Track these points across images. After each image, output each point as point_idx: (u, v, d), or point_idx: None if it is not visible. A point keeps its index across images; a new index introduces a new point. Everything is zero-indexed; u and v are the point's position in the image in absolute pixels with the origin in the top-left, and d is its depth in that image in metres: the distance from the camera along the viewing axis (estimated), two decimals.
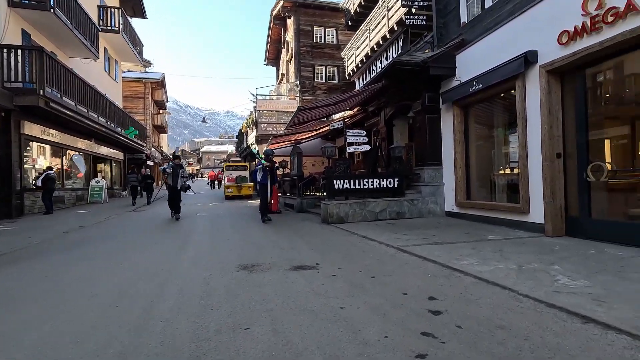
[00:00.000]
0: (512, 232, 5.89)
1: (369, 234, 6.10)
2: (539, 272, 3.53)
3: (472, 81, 6.98)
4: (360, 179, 8.09)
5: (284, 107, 18.56)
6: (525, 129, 5.90)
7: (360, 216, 7.93)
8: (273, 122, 18.05)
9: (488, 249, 4.69)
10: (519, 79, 5.94)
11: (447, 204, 8.33)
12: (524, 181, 5.92)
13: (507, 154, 7.15)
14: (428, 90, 8.44)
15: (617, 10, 4.37)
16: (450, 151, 8.05)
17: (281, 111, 18.36)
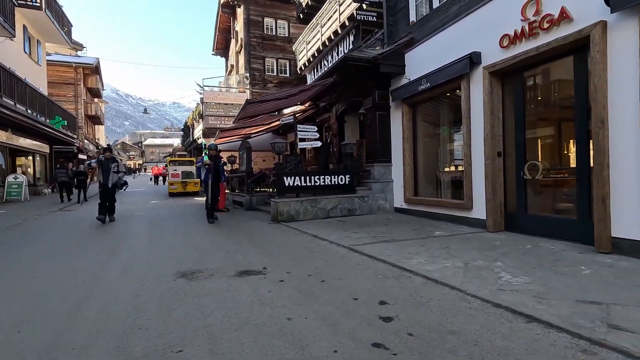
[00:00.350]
0: (457, 227, 6.10)
1: (320, 233, 5.95)
2: (484, 270, 3.60)
3: (421, 80, 7.10)
4: (311, 176, 7.92)
5: (233, 99, 17.80)
6: (470, 128, 6.10)
7: (311, 214, 7.77)
8: (221, 115, 17.24)
9: (435, 246, 4.76)
10: (464, 79, 6.13)
11: (396, 200, 8.47)
12: (468, 179, 6.14)
13: (452, 152, 7.41)
14: (378, 87, 8.49)
15: (552, 17, 4.61)
16: (400, 148, 8.17)
17: (230, 104, 17.58)
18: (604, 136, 4.04)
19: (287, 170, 8.03)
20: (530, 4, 4.90)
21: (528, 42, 4.97)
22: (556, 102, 5.45)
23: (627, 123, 3.85)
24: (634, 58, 3.77)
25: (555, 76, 5.27)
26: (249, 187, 10.45)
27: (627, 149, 3.85)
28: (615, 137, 3.97)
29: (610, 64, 4.00)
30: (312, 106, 11.94)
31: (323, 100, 11.14)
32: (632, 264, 3.58)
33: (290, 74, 19.50)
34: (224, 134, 12.39)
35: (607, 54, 4.02)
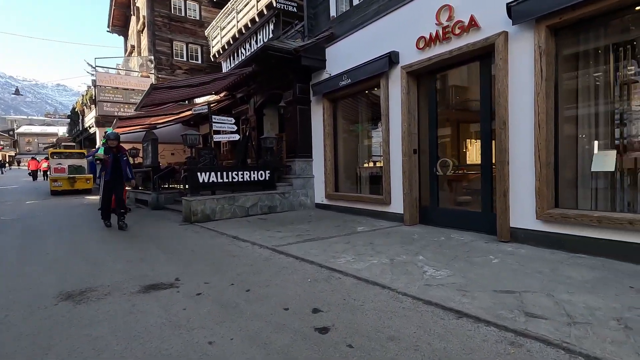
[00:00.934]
0: (377, 222, 6.26)
1: (241, 234, 5.51)
2: (409, 265, 3.66)
3: (342, 75, 7.09)
4: (229, 171, 7.34)
5: (134, 84, 15.76)
6: (388, 126, 6.29)
7: (229, 212, 7.21)
8: (120, 101, 15.12)
9: (360, 242, 4.75)
10: (383, 78, 6.28)
11: (317, 196, 8.41)
12: (387, 175, 6.34)
13: (371, 148, 7.62)
14: (299, 80, 8.28)
15: (463, 24, 4.94)
16: (321, 144, 8.11)
17: (131, 89, 15.53)
18: (505, 137, 4.47)
19: (201, 165, 7.30)
20: (444, 9, 5.18)
21: (442, 46, 5.26)
22: (465, 104, 5.93)
23: (524, 125, 4.31)
24: (529, 67, 4.22)
25: (464, 79, 5.72)
26: (156, 183, 9.30)
27: (524, 148, 4.32)
28: (514, 138, 4.43)
29: (511, 71, 4.43)
30: (228, 97, 11.18)
31: (240, 90, 10.50)
32: (529, 251, 4.03)
33: (202, 61, 18.09)
34: (123, 123, 10.82)
35: (508, 61, 4.44)
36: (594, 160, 4.01)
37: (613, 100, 3.96)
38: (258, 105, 9.99)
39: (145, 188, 10.64)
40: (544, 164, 4.10)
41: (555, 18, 3.92)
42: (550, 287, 2.94)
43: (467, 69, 5.39)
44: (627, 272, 3.25)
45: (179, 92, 8.61)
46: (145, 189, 10.57)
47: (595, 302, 2.61)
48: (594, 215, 3.71)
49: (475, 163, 5.40)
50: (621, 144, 3.96)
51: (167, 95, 8.60)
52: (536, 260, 3.69)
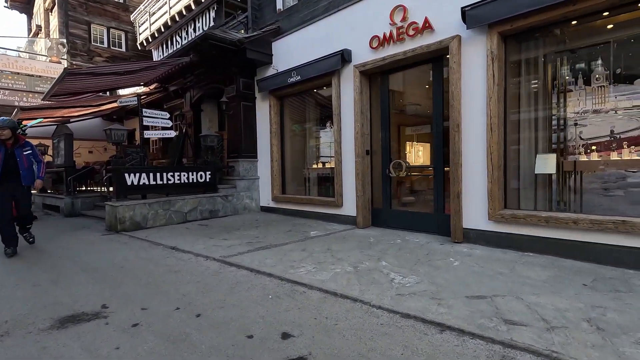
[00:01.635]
0: (329, 225, 6.03)
1: (180, 243, 4.84)
2: (374, 272, 3.46)
3: (291, 72, 6.74)
4: (163, 173, 6.51)
5: (41, 70, 13.51)
6: (340, 126, 6.10)
7: (164, 219, 6.39)
8: (22, 89, 12.82)
9: (317, 249, 4.45)
10: (335, 76, 6.07)
11: (262, 198, 7.94)
12: (339, 176, 6.15)
13: (320, 149, 7.38)
14: (243, 75, 7.73)
15: (417, 25, 4.93)
16: (267, 143, 7.66)
17: (37, 75, 13.28)
18: (459, 139, 4.54)
19: (129, 165, 6.35)
20: (398, 9, 5.13)
21: (396, 46, 5.21)
22: (416, 106, 5.97)
23: (477, 128, 4.40)
24: (482, 71, 4.32)
25: (416, 81, 5.75)
26: (70, 185, 7.95)
27: (477, 150, 4.42)
28: (467, 140, 4.51)
29: (464, 74, 4.51)
30: (160, 89, 10.09)
31: (174, 83, 9.52)
32: (483, 252, 4.11)
33: (127, 48, 16.26)
34: (28, 114, 9.08)
35: (461, 65, 4.52)
36: (537, 163, 4.24)
37: (551, 107, 4.23)
38: (195, 99, 9.15)
39: (56, 191, 9.09)
40: (495, 166, 4.22)
41: (506, 25, 4.06)
42: (515, 289, 2.95)
43: (419, 70, 5.42)
44: (574, 269, 3.43)
45: (100, 80, 7.45)
46: (57, 193, 9.03)
47: (562, 304, 2.65)
48: (541, 216, 3.89)
49: (427, 165, 5.45)
50: (558, 148, 4.24)
51: (85, 83, 7.38)
52: (493, 261, 3.75)
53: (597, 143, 4.09)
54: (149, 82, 9.43)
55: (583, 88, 4.08)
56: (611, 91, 3.86)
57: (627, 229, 3.36)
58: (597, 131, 4.13)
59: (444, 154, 4.99)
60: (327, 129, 6.99)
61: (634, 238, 3.36)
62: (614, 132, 3.99)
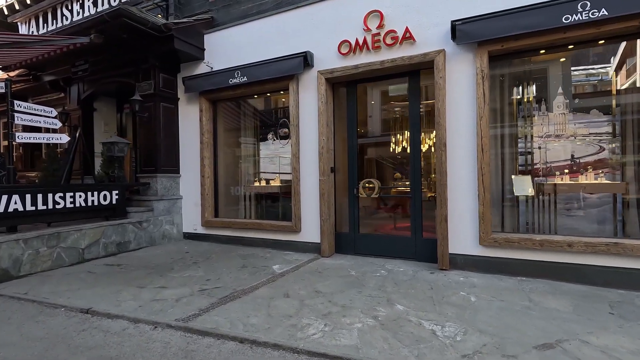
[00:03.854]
0: (286, 255, 5.08)
1: (95, 301, 3.25)
2: (405, 324, 2.77)
3: (234, 72, 5.63)
4: (48, 193, 4.54)
5: None
6: (299, 139, 5.29)
7: (49, 260, 4.43)
8: None
9: (302, 292, 3.52)
10: (294, 81, 5.27)
11: (186, 223, 6.42)
12: (297, 196, 5.29)
13: (265, 164, 6.38)
14: (164, 69, 6.21)
15: (395, 34, 4.55)
16: (195, 155, 6.25)
17: None
18: (445, 159, 4.27)
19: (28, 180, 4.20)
20: (373, 15, 4.69)
21: (370, 55, 4.74)
22: (392, 120, 5.54)
23: (464, 148, 4.20)
24: (470, 89, 4.16)
25: (389, 93, 5.34)
26: None
27: (465, 171, 4.20)
28: (454, 160, 4.27)
29: (449, 91, 4.28)
30: (27, 77, 7.47)
31: (53, 70, 7.15)
32: (481, 280, 3.84)
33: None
34: None
35: (446, 81, 4.29)
36: (515, 185, 4.26)
37: (524, 127, 4.34)
38: (86, 95, 7.01)
39: None
40: (487, 188, 4.06)
41: (497, 45, 3.98)
42: (566, 328, 2.65)
43: (390, 83, 5.05)
44: (581, 294, 3.39)
45: None
46: None
47: (626, 343, 2.43)
48: (536, 239, 3.83)
49: (405, 185, 5.07)
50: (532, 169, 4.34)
51: None
52: (502, 291, 3.48)
53: (560, 167, 4.33)
54: (11, 66, 6.83)
55: (546, 114, 4.30)
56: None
57: (618, 250, 3.50)
58: (560, 155, 4.38)
59: (420, 173, 4.68)
60: (273, 140, 6.06)
61: (625, 259, 3.51)
62: (575, 156, 4.29)
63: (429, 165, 5.19)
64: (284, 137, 6.20)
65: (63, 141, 4.97)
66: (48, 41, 5.34)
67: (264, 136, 6.41)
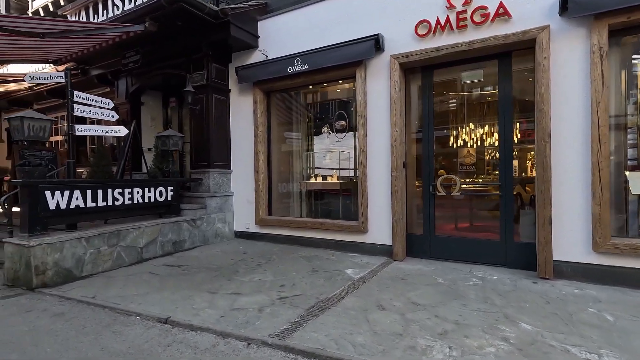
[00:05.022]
0: (354, 257, 4.65)
1: (169, 308, 2.92)
2: (547, 350, 2.28)
3: (293, 59, 5.23)
4: (108, 189, 4.29)
5: None
6: (366, 131, 4.83)
7: (110, 260, 4.18)
8: None
9: (396, 303, 3.07)
10: (361, 68, 4.81)
11: (238, 221, 6.11)
12: (364, 194, 4.84)
13: (323, 159, 5.98)
14: (216, 59, 5.89)
15: (486, 11, 4.01)
16: (247, 149, 5.92)
17: None
18: (550, 151, 3.70)
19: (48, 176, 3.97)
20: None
21: (453, 35, 4.21)
22: (476, 109, 4.94)
23: (574, 139, 3.62)
24: (583, 68, 3.57)
25: (469, 79, 4.78)
26: None
27: (574, 166, 3.63)
28: (559, 153, 3.70)
29: (555, 73, 3.71)
30: (74, 70, 7.36)
31: (101, 64, 7.00)
32: (602, 293, 3.27)
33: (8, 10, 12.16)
34: None
35: (551, 61, 3.72)
36: (631, 182, 3.65)
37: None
38: (134, 89, 6.82)
39: None
40: (605, 185, 3.47)
41: (622, 16, 3.37)
42: None
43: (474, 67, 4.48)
44: None
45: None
46: None
47: None
48: None
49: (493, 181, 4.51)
50: None
51: None
52: (637, 308, 2.92)
53: None
54: (62, 60, 6.71)
55: None
56: None
57: None
58: None
59: (511, 168, 4.14)
60: (328, 134, 5.63)
61: None
62: None
63: (521, 159, 4.62)
64: (341, 130, 5.79)
65: (122, 134, 4.73)
66: (102, 29, 5.10)
67: (318, 130, 6.01)
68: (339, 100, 5.90)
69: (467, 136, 4.71)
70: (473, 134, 4.70)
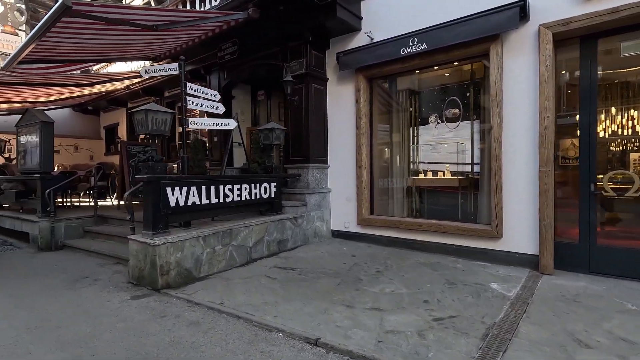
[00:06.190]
0: (486, 268, 3.94)
1: (306, 323, 2.52)
2: None
3: (407, 39, 4.61)
4: (220, 185, 4.08)
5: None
6: (502, 118, 4.07)
7: (223, 260, 3.97)
8: None
9: (593, 336, 2.36)
10: (497, 43, 4.05)
11: (336, 220, 5.69)
12: (498, 193, 4.10)
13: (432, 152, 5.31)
14: (315, 46, 5.48)
15: None
16: (345, 143, 5.46)
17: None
18: None
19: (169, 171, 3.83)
20: None
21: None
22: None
23: None
24: None
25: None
26: (50, 202, 5.20)
27: None
28: None
29: None
30: None
31: (195, 59, 7.00)
32: None
33: None
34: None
35: None
36: None
37: None
38: (226, 83, 6.70)
39: (22, 209, 6.19)
40: None
41: None
42: None
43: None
44: None
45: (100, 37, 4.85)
46: (24, 212, 6.16)
47: None
48: None
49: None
50: None
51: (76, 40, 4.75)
52: None
53: None
54: (160, 56, 6.82)
55: None
56: None
57: None
58: None
59: None
60: (436, 124, 4.91)
61: None
62: None
63: None
64: (453, 119, 5.06)
65: (231, 127, 4.54)
66: (207, 18, 4.90)
67: (424, 119, 5.33)
68: (451, 85, 5.17)
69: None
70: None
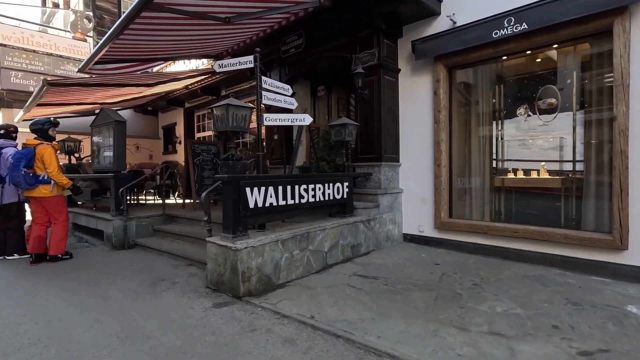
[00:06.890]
0: (608, 285, 3.32)
1: (419, 350, 2.14)
2: None
3: (502, 20, 4.05)
4: (295, 185, 3.82)
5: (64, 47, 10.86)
6: (628, 106, 3.42)
7: (301, 266, 3.70)
8: (38, 71, 10.19)
9: None
10: (624, 17, 3.40)
11: (408, 223, 5.25)
12: (623, 196, 3.45)
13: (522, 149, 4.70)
14: (387, 35, 5.06)
15: None
16: (421, 139, 5.00)
17: (57, 55, 10.66)
18: None
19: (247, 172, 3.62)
20: None
21: None
22: None
23: None
24: None
25: None
26: (123, 201, 5.28)
27: None
28: None
29: None
30: None
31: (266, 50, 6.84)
32: None
33: None
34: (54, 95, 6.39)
35: None
36: None
37: None
38: (287, 79, 6.48)
39: (98, 209, 6.41)
40: None
41: None
42: None
43: None
44: None
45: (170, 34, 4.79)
46: (99, 210, 6.37)
47: None
48: None
49: None
50: None
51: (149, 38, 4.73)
52: None
53: None
54: (222, 54, 6.74)
55: None
56: None
57: None
58: None
59: None
60: (526, 117, 4.28)
61: None
62: None
63: None
64: (548, 110, 4.42)
65: (307, 122, 4.28)
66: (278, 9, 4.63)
67: (511, 111, 4.72)
68: (545, 71, 4.52)
69: None
70: None
